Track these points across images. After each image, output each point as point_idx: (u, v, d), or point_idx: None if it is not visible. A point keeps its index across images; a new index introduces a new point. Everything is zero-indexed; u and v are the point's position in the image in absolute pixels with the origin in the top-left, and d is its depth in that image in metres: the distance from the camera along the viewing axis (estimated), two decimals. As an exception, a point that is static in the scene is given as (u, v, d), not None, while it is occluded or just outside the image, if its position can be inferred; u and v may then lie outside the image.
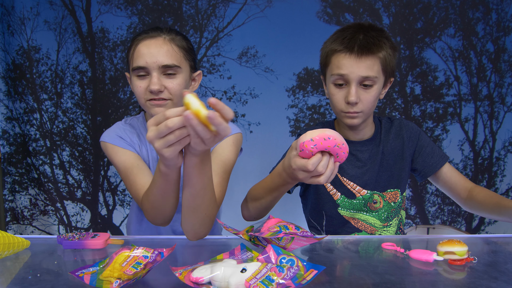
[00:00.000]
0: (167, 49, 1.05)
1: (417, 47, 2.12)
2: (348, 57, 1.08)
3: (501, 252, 0.88)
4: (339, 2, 2.09)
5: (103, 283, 0.64)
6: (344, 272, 0.77)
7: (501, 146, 2.17)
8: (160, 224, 0.99)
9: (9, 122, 2.11)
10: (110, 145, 1.10)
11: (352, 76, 1.08)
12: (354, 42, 1.07)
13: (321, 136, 0.77)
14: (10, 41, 2.07)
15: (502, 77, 2.13)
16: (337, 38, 1.11)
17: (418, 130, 1.24)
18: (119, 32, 2.10)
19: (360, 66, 1.07)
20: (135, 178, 1.05)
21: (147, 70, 1.05)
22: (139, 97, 1.07)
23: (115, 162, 1.10)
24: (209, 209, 0.90)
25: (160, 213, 0.95)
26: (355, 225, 1.22)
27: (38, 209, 2.18)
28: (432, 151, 1.22)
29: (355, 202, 1.21)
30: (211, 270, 0.62)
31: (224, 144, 1.10)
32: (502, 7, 2.09)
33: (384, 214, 1.21)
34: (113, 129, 1.14)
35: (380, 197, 1.21)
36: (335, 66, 1.10)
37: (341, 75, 1.09)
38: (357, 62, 1.07)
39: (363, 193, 1.20)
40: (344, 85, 1.10)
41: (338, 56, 1.10)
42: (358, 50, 1.07)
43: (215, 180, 1.03)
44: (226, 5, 2.09)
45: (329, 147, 0.78)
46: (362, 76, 1.07)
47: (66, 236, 0.91)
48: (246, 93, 2.15)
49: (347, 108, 1.11)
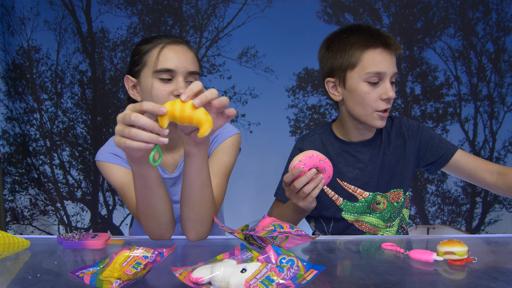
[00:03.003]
0: (192, 56, 1.05)
1: (417, 47, 2.12)
2: (381, 52, 1.06)
3: (501, 252, 0.88)
4: (339, 2, 2.08)
5: (103, 283, 0.64)
6: (344, 272, 0.77)
7: (501, 146, 2.17)
8: (159, 236, 0.97)
9: (9, 122, 2.11)
10: (105, 164, 1.07)
11: (388, 72, 1.06)
12: (383, 38, 1.07)
13: (306, 156, 0.93)
14: (10, 41, 2.07)
15: (502, 77, 2.13)
16: (361, 35, 1.08)
17: (418, 126, 1.20)
18: (119, 32, 2.10)
19: (394, 62, 1.08)
20: (132, 195, 1.02)
21: (172, 74, 1.01)
22: (159, 101, 1.00)
23: (111, 180, 1.07)
24: (208, 206, 0.90)
25: (155, 222, 0.94)
26: (359, 227, 1.21)
27: (38, 209, 2.18)
28: (439, 141, 1.18)
29: (358, 205, 1.19)
30: (211, 270, 0.62)
31: (224, 146, 1.10)
32: (502, 7, 2.09)
33: (387, 215, 1.20)
34: (107, 146, 1.10)
35: (383, 197, 1.19)
36: (370, 63, 1.07)
37: (379, 73, 1.06)
38: (392, 58, 1.08)
39: (365, 195, 1.18)
40: (378, 83, 1.08)
41: (374, 52, 1.07)
42: (392, 45, 1.07)
43: (215, 182, 1.03)
44: (226, 5, 2.09)
45: (316, 163, 0.93)
46: (394, 72, 1.08)
47: (66, 236, 0.91)
48: (246, 93, 2.15)
49: (385, 105, 1.08)
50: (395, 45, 1.08)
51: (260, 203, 2.18)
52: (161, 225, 0.95)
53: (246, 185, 2.16)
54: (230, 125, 1.15)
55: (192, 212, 0.91)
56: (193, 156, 0.85)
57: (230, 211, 1.99)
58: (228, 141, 1.10)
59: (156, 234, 0.96)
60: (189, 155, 0.85)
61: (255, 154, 2.14)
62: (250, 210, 2.17)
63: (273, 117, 2.15)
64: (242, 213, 2.15)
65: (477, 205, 2.20)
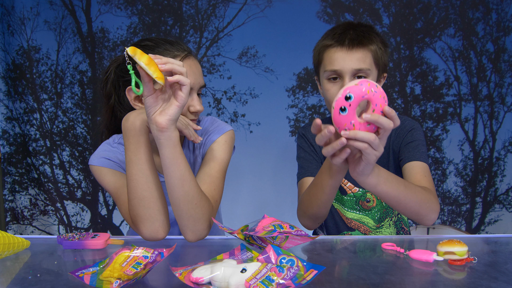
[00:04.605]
0: (200, 69, 1.07)
1: (417, 47, 2.12)
2: (339, 51, 1.08)
3: (501, 252, 0.88)
4: (339, 2, 2.08)
5: (103, 283, 0.64)
6: (344, 272, 0.77)
7: (501, 146, 2.17)
8: (152, 232, 0.94)
9: (9, 122, 2.11)
10: (98, 168, 1.06)
11: (345, 70, 1.07)
12: (345, 36, 1.08)
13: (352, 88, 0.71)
14: (10, 41, 2.07)
15: (502, 77, 2.13)
16: (328, 35, 1.12)
17: (412, 127, 1.17)
18: (119, 32, 2.10)
19: (352, 59, 1.07)
20: (125, 199, 1.01)
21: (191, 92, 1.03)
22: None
23: (104, 184, 1.07)
24: (195, 202, 0.90)
25: (146, 212, 0.93)
26: (348, 224, 1.22)
27: (38, 209, 2.18)
28: (415, 147, 1.14)
29: (346, 198, 1.21)
30: (211, 270, 0.62)
31: (217, 144, 1.09)
32: (502, 7, 2.09)
33: (377, 214, 1.20)
34: (99, 151, 1.10)
35: (373, 195, 1.20)
36: (327, 62, 1.10)
37: (334, 70, 1.09)
38: (349, 55, 1.07)
39: (355, 190, 1.20)
40: (338, 80, 1.10)
41: (329, 51, 1.10)
42: (349, 43, 1.07)
43: (209, 180, 1.03)
44: (226, 5, 2.09)
45: (366, 95, 0.71)
46: (355, 68, 1.07)
47: (66, 236, 0.91)
48: (246, 93, 2.15)
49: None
50: (365, 40, 1.08)
51: (260, 203, 2.18)
52: (154, 221, 0.93)
53: (246, 185, 2.16)
54: (222, 122, 1.14)
55: (179, 210, 0.90)
56: (162, 146, 0.85)
57: (230, 211, 1.99)
58: (221, 139, 1.10)
59: (149, 230, 0.93)
60: (159, 144, 0.86)
61: (255, 154, 2.14)
62: (250, 210, 2.17)
63: (273, 117, 2.15)
64: (242, 213, 2.15)
65: (477, 205, 2.20)
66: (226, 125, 1.13)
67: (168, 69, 0.79)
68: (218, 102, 2.16)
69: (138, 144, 0.93)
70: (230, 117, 2.16)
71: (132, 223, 0.97)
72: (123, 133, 0.95)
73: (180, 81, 0.80)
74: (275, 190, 2.18)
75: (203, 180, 1.01)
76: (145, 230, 0.93)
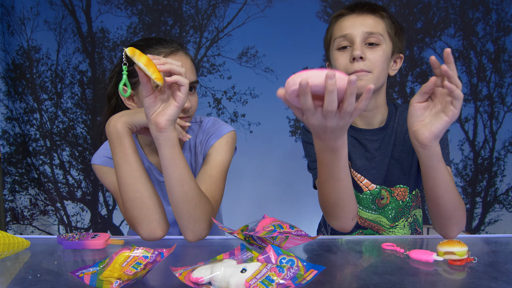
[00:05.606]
0: (191, 65, 1.04)
1: (417, 47, 2.12)
2: (350, 18, 1.02)
3: (501, 252, 0.88)
4: (339, 2, 2.08)
5: (103, 283, 0.64)
6: (344, 272, 0.77)
7: (501, 146, 2.17)
8: (150, 231, 0.93)
9: (9, 122, 2.12)
10: (100, 167, 1.07)
11: (355, 33, 0.99)
12: (356, 5, 1.03)
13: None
14: (10, 41, 2.07)
15: (502, 77, 2.13)
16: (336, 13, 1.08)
17: None
18: (119, 32, 2.10)
19: (363, 23, 1.00)
20: None
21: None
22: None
23: (105, 183, 1.08)
24: (195, 202, 0.90)
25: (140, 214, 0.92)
26: (362, 224, 1.15)
27: (38, 209, 2.18)
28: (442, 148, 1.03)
29: (362, 196, 1.12)
30: (211, 270, 0.62)
31: (218, 144, 1.09)
32: (502, 7, 2.09)
33: (391, 213, 1.13)
34: (101, 150, 1.11)
35: (387, 192, 1.12)
36: (337, 30, 1.03)
37: (344, 35, 1.01)
38: (359, 19, 1.01)
39: (372, 187, 1.11)
40: (348, 47, 1.02)
41: (340, 20, 1.04)
42: (360, 8, 1.02)
43: (210, 180, 1.02)
44: (226, 5, 2.09)
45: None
46: (366, 31, 0.99)
47: (66, 236, 0.91)
48: (246, 93, 2.15)
49: (353, 67, 0.98)
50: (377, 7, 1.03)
51: (260, 203, 2.18)
52: (148, 216, 0.93)
53: (246, 185, 2.16)
54: (224, 123, 1.14)
55: (179, 210, 0.90)
56: (161, 146, 0.85)
57: (230, 211, 1.99)
58: (222, 139, 1.09)
59: (146, 230, 0.93)
60: (158, 144, 0.85)
61: (255, 154, 2.14)
62: (251, 210, 2.17)
63: (273, 117, 2.15)
64: (242, 213, 2.15)
65: (477, 205, 2.20)
66: (227, 126, 1.13)
67: (166, 69, 0.79)
68: (218, 102, 2.16)
69: (122, 146, 0.92)
70: (230, 117, 2.16)
71: (130, 224, 0.97)
72: (107, 137, 0.95)
73: (178, 81, 0.80)
74: (275, 190, 2.18)
75: (203, 180, 1.01)
76: (142, 231, 0.94)
